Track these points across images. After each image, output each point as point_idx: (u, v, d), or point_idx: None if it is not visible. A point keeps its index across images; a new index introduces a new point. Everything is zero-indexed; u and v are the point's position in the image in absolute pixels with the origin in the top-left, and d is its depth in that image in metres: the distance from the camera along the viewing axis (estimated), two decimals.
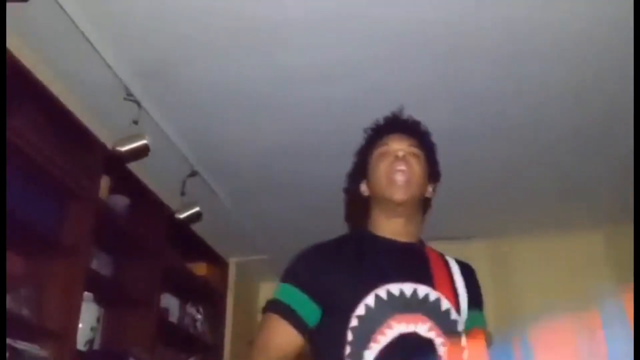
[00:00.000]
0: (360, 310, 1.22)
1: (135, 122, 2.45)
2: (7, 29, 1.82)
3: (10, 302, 2.02)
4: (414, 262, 1.35)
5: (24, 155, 2.07)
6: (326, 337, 1.26)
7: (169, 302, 3.26)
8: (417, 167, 1.38)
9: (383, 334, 1.21)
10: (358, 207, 1.44)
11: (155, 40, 2.20)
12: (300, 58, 2.27)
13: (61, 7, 1.99)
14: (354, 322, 1.22)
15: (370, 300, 1.23)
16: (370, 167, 1.42)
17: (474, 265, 1.45)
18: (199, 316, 3.51)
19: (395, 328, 1.21)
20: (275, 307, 1.28)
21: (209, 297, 3.64)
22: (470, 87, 2.46)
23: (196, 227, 3.28)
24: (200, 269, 3.56)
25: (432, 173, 1.45)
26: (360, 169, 1.45)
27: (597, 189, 3.25)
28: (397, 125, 1.47)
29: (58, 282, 2.24)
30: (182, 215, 3.02)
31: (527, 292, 3.67)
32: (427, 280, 1.30)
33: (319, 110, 2.62)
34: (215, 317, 3.67)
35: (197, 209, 3.04)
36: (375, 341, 1.20)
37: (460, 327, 1.30)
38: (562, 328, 0.98)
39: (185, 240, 3.33)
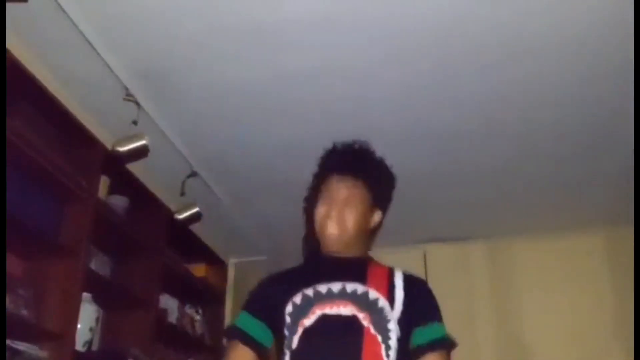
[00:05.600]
0: (289, 308, 1.39)
1: (135, 123, 2.45)
2: (7, 29, 1.82)
3: (9, 303, 2.02)
4: (349, 268, 1.43)
5: (23, 156, 2.06)
6: (276, 346, 1.44)
7: (168, 302, 3.25)
8: (351, 219, 1.43)
9: (308, 318, 1.36)
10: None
11: (155, 40, 2.20)
12: (300, 58, 2.27)
13: (61, 7, 1.99)
14: (287, 320, 1.38)
15: (297, 298, 1.39)
16: (317, 200, 1.49)
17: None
18: (197, 317, 3.51)
19: (318, 312, 1.36)
20: (235, 333, 1.45)
21: (208, 298, 3.63)
22: (469, 87, 2.46)
23: (195, 228, 3.28)
24: (199, 269, 3.55)
25: (379, 203, 1.50)
26: (314, 195, 1.52)
27: (596, 189, 3.25)
28: (340, 165, 1.50)
29: (57, 282, 2.24)
30: (182, 216, 3.02)
31: (525, 293, 3.67)
32: (359, 279, 1.39)
33: (319, 110, 2.61)
34: (214, 318, 3.66)
35: (196, 209, 3.03)
36: (301, 325, 1.36)
37: (390, 315, 1.35)
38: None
39: (185, 241, 3.33)
